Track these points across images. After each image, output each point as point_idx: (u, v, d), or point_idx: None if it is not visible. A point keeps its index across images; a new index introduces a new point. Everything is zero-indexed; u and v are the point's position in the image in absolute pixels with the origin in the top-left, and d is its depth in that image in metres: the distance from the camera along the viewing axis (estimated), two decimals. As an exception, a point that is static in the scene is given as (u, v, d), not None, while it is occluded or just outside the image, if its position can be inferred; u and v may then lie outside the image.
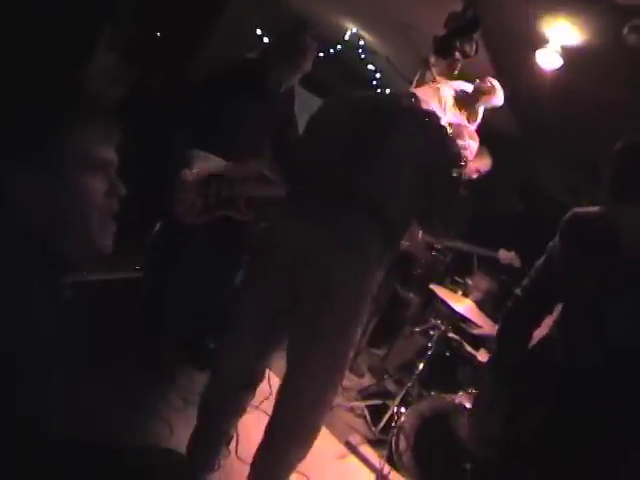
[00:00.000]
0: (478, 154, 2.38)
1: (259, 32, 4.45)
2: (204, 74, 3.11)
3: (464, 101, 2.16)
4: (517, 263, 3.64)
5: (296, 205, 1.98)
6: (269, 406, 2.03)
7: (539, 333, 1.73)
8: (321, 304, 1.82)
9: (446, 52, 2.12)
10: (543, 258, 1.71)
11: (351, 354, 1.98)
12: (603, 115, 3.66)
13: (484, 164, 3.36)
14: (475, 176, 3.27)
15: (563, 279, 1.58)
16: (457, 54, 2.10)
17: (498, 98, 2.22)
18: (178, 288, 3.14)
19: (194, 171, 2.79)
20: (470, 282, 3.55)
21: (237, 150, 2.87)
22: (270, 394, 2.44)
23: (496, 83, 2.21)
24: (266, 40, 4.43)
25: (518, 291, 1.77)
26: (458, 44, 2.08)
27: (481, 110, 2.22)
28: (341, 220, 1.84)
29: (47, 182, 0.91)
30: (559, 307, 1.67)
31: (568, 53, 3.28)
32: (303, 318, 1.87)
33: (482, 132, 2.24)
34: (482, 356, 3.26)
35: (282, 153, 3.03)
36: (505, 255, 3.69)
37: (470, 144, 2.15)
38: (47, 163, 0.91)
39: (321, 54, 4.72)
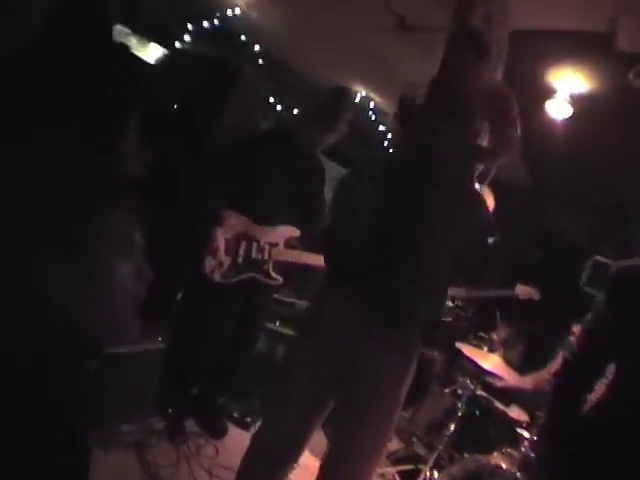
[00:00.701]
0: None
1: (272, 100, 4.59)
2: (230, 141, 3.19)
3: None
4: (536, 296, 3.60)
5: (339, 283, 1.97)
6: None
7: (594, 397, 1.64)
8: (371, 386, 1.83)
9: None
10: (589, 316, 1.62)
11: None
12: (614, 159, 3.69)
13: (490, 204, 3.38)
14: None
15: (613, 338, 1.49)
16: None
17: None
18: (203, 353, 3.11)
19: (224, 231, 2.84)
20: (495, 337, 3.50)
21: (269, 212, 2.92)
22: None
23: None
24: (279, 107, 4.58)
25: (567, 354, 1.71)
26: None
27: None
28: (387, 300, 1.83)
29: (77, 266, 0.89)
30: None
31: (577, 101, 3.32)
32: (352, 398, 1.87)
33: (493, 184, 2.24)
34: (514, 412, 3.15)
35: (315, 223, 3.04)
36: (523, 290, 3.66)
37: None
38: (77, 247, 0.89)
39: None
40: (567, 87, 3.23)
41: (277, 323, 3.78)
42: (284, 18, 4.18)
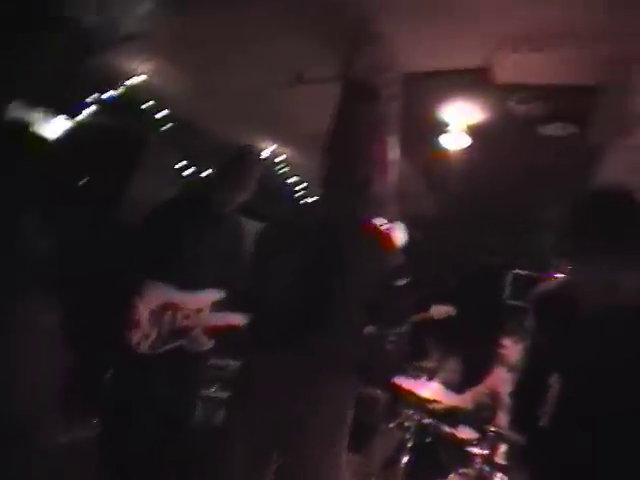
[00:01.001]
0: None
1: (178, 166, 4.59)
2: (143, 211, 3.15)
3: None
4: (452, 311, 3.73)
5: (267, 341, 2.02)
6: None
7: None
8: (312, 434, 1.90)
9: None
10: (523, 334, 1.79)
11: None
12: (511, 179, 3.99)
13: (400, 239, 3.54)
14: None
15: (551, 351, 1.60)
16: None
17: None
18: (137, 434, 2.97)
19: (147, 301, 2.77)
20: (430, 364, 3.60)
21: (191, 278, 2.88)
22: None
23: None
24: (186, 173, 4.59)
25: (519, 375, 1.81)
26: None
27: None
28: (314, 353, 1.92)
29: None
30: None
31: (473, 131, 3.59)
32: (296, 448, 1.92)
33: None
34: (462, 432, 3.23)
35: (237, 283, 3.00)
36: (438, 311, 3.77)
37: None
38: None
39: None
40: (462, 118, 3.48)
41: (213, 389, 3.69)
42: (187, 82, 4.26)
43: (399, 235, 3.32)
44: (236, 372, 2.72)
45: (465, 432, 3.19)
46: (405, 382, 3.35)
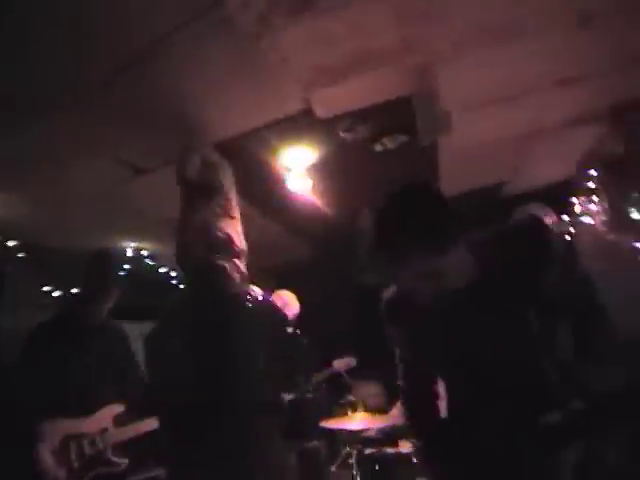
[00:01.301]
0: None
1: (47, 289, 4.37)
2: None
3: None
4: (353, 362, 3.86)
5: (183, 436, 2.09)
6: None
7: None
8: None
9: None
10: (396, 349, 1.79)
11: None
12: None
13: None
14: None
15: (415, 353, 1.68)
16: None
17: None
18: None
19: (48, 441, 2.61)
20: (352, 397, 3.63)
21: (84, 400, 2.77)
22: None
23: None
24: (56, 294, 4.37)
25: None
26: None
27: None
28: (228, 440, 2.02)
29: None
30: None
31: (315, 170, 3.73)
32: None
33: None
34: (405, 446, 3.26)
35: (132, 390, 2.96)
36: (339, 363, 3.90)
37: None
38: None
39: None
40: (300, 161, 3.61)
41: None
42: (28, 205, 4.09)
43: (294, 302, 3.54)
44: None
45: (408, 445, 3.23)
46: (331, 422, 3.36)
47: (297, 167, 3.65)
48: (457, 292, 1.46)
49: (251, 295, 2.37)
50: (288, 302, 3.73)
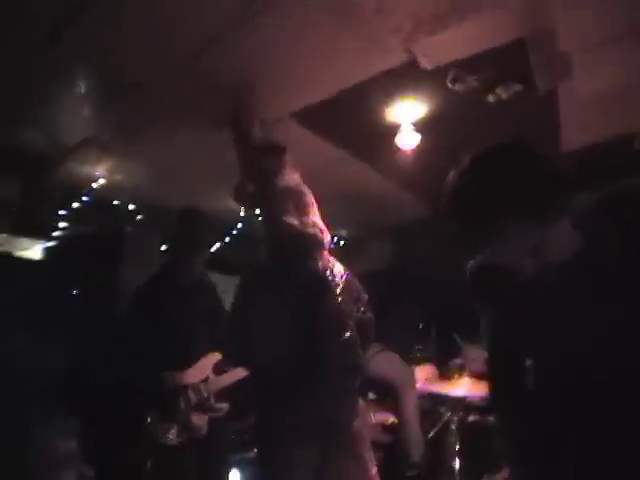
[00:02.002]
0: None
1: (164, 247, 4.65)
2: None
3: None
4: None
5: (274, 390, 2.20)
6: None
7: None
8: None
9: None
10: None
11: None
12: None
13: None
14: None
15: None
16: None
17: None
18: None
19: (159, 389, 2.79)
20: (459, 361, 3.52)
21: (186, 354, 2.89)
22: None
23: None
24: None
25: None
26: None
27: None
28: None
29: None
30: None
31: (423, 125, 3.59)
32: None
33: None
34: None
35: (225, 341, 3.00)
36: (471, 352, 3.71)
37: None
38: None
39: (227, 238, 4.97)
40: (408, 117, 3.49)
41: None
42: (146, 169, 4.36)
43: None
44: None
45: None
46: (434, 386, 3.30)
47: (405, 121, 3.53)
48: (564, 267, 1.19)
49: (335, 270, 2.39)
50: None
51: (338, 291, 2.26)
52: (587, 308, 1.20)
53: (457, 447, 3.03)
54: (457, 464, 2.98)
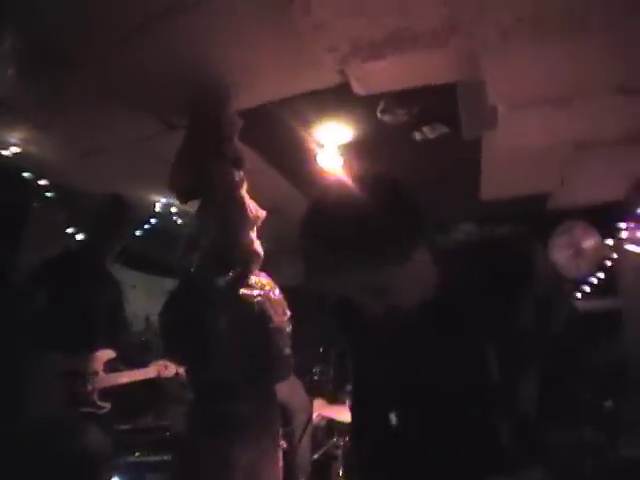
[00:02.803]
0: None
1: (70, 230, 4.41)
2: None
3: None
4: None
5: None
6: None
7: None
8: None
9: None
10: None
11: None
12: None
13: None
14: None
15: None
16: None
17: None
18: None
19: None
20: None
21: (82, 340, 2.81)
22: None
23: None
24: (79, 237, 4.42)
25: None
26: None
27: None
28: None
29: None
30: None
31: (346, 149, 3.59)
32: None
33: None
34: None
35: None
36: None
37: None
38: None
39: (138, 232, 4.78)
40: (334, 138, 3.48)
41: (137, 454, 3.50)
42: (65, 146, 4.13)
43: None
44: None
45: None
46: (327, 411, 3.30)
47: (330, 143, 3.52)
48: (411, 311, 1.17)
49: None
50: None
51: (279, 309, 2.43)
52: (431, 350, 1.21)
53: (340, 472, 3.02)
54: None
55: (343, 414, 3.29)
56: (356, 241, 1.05)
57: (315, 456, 3.48)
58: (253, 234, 2.52)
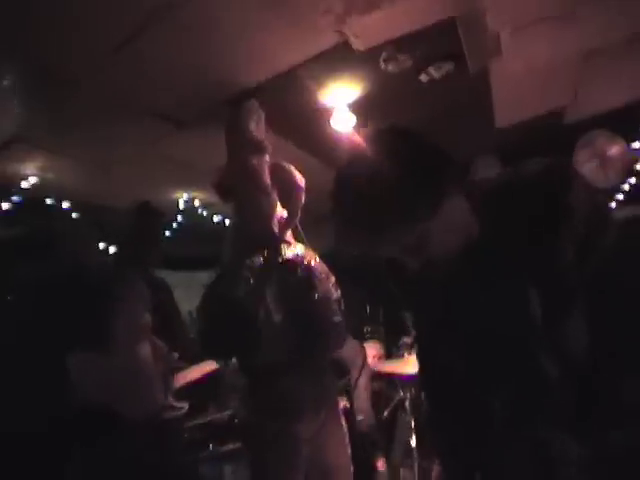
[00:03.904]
0: None
1: (102, 246, 4.48)
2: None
3: None
4: None
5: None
6: None
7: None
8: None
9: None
10: None
11: None
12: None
13: None
14: None
15: None
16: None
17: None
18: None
19: None
20: (409, 339, 3.56)
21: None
22: None
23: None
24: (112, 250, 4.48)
25: None
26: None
27: None
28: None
29: (103, 357, 0.99)
30: None
31: (358, 107, 3.56)
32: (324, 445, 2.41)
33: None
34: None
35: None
36: None
37: None
38: (102, 340, 1.01)
39: (167, 232, 4.83)
40: (342, 99, 3.45)
41: (211, 446, 3.59)
42: (80, 167, 4.17)
43: None
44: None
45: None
46: (386, 367, 3.32)
47: (340, 104, 3.49)
48: (449, 260, 1.16)
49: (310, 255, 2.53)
50: None
51: (322, 276, 2.39)
52: (474, 298, 1.20)
53: (412, 424, 3.05)
54: (414, 441, 3.00)
55: (404, 367, 3.30)
56: (386, 201, 1.05)
57: (385, 413, 3.53)
58: (282, 212, 2.54)
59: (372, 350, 3.92)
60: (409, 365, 3.24)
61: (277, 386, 2.23)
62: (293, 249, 2.44)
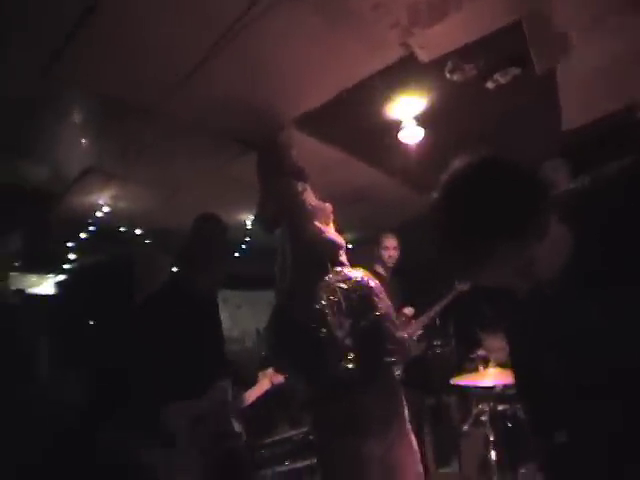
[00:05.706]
0: None
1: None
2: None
3: None
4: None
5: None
6: None
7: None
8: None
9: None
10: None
11: None
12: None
13: None
14: None
15: None
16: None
17: None
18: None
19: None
20: (482, 352, 3.50)
21: (200, 379, 2.61)
22: None
23: None
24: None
25: None
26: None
27: None
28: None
29: None
30: None
31: (422, 119, 3.56)
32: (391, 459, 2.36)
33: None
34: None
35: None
36: (462, 285, 4.06)
37: None
38: None
39: (237, 254, 4.92)
40: (409, 111, 3.46)
41: (287, 462, 3.62)
42: (149, 193, 4.32)
43: None
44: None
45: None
46: (462, 379, 3.27)
47: (407, 117, 3.50)
48: (554, 279, 1.14)
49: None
50: None
51: (382, 295, 2.38)
52: (583, 310, 1.15)
53: (491, 438, 2.98)
54: (493, 455, 2.93)
55: (481, 380, 3.24)
56: (498, 227, 1.05)
57: (465, 427, 3.46)
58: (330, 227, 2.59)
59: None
60: (485, 377, 3.18)
61: (344, 403, 2.26)
62: (351, 270, 2.46)
